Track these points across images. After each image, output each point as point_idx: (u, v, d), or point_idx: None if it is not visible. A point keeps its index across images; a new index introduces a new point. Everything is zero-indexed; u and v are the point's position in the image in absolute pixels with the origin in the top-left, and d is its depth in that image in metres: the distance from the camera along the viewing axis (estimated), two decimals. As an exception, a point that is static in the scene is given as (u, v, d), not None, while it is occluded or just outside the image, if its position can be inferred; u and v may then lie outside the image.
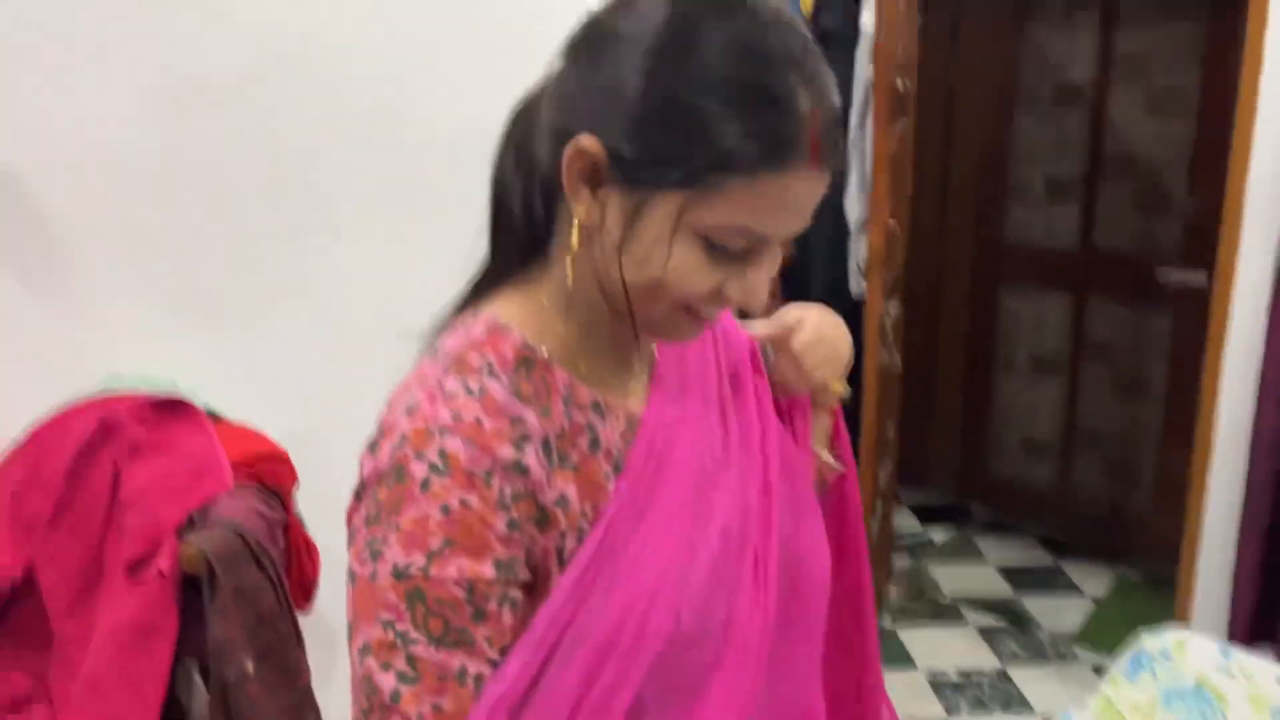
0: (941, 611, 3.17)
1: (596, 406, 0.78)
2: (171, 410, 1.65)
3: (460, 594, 0.67)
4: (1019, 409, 3.67)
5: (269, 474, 1.70)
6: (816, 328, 0.94)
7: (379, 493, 0.69)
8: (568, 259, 0.75)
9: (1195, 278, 2.89)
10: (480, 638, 0.68)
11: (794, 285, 2.94)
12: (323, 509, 1.93)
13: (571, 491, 0.73)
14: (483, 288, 0.82)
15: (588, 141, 0.69)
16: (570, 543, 0.72)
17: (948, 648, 2.95)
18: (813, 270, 2.87)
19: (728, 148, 0.66)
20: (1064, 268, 3.46)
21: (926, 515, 3.86)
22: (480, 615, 0.68)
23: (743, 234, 0.69)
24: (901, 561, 3.48)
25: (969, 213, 3.63)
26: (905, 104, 2.70)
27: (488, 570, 0.68)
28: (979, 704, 2.66)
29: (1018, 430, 3.68)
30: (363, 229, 2.00)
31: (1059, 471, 3.59)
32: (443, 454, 0.68)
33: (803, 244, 2.89)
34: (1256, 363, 2.23)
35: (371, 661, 0.67)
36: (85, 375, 1.67)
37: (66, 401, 1.63)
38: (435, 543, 0.67)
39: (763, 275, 0.73)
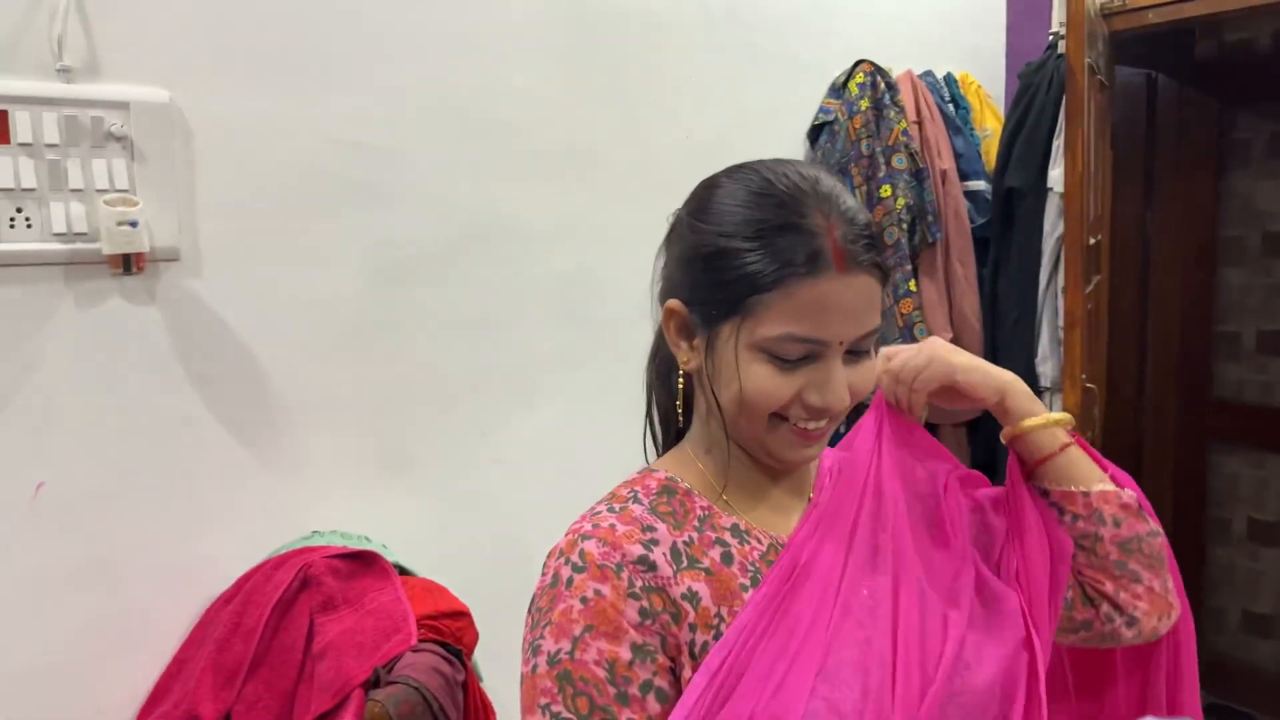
0: (1157, 810, 2.84)
1: (735, 529, 0.87)
2: (364, 564, 1.72)
3: (602, 674, 0.76)
4: (1238, 580, 3.35)
5: (451, 631, 1.73)
6: (913, 351, 0.98)
7: (540, 601, 0.81)
8: (677, 403, 0.91)
9: None
10: (624, 719, 0.75)
11: (983, 446, 2.82)
12: (501, 667, 1.94)
13: (703, 590, 0.81)
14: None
15: (673, 303, 0.87)
16: (701, 638, 0.79)
17: None
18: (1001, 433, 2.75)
19: (754, 273, 0.79)
20: (1285, 427, 3.20)
21: (1135, 695, 3.51)
22: (624, 698, 0.76)
23: (794, 341, 0.80)
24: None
25: (1170, 369, 3.42)
26: (1098, 259, 2.61)
27: (625, 652, 0.76)
28: None
29: (1238, 603, 3.35)
30: (548, 392, 2.08)
31: (1291, 653, 3.23)
32: (582, 554, 0.80)
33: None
34: None
35: None
36: (292, 527, 1.77)
37: (273, 552, 1.73)
38: (577, 629, 0.77)
39: (836, 377, 0.82)
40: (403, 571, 1.81)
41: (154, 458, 1.63)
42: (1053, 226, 2.60)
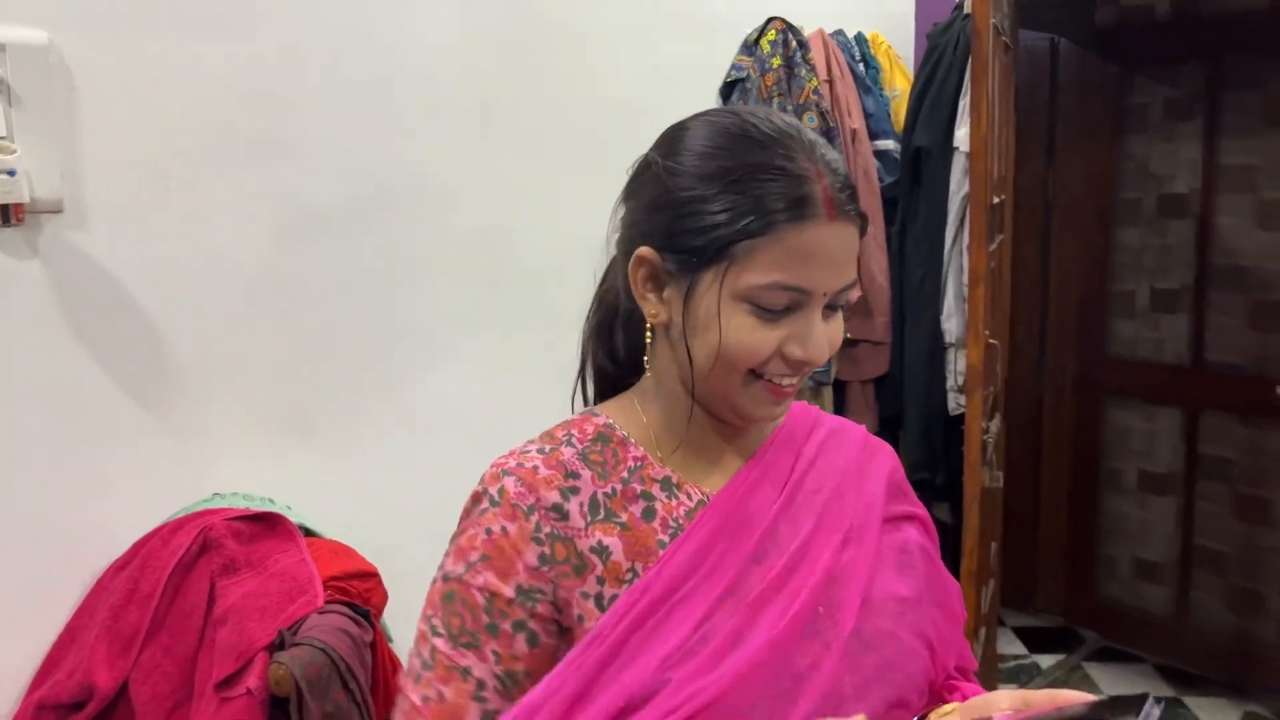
0: (1052, 747, 2.96)
1: (666, 482, 0.85)
2: (267, 526, 1.68)
3: (481, 601, 0.78)
4: (1129, 529, 3.49)
5: (359, 592, 1.70)
6: None
7: (460, 522, 0.83)
8: (645, 359, 0.87)
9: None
10: (489, 649, 0.77)
11: (889, 401, 2.88)
12: (411, 626, 1.93)
13: (616, 545, 0.80)
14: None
15: (644, 250, 0.82)
16: (610, 591, 0.79)
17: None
18: (908, 387, 2.81)
19: (740, 218, 0.76)
20: (1174, 382, 3.32)
21: (1033, 639, 3.66)
22: (494, 630, 0.77)
23: (780, 289, 0.77)
24: (1006, 688, 3.28)
25: (1070, 326, 3.53)
26: (1002, 219, 2.66)
27: (509, 590, 0.78)
28: None
29: (1129, 551, 3.50)
30: (457, 351, 2.05)
31: (1176, 596, 3.38)
32: (501, 490, 0.81)
33: (898, 360, 2.84)
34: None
35: (414, 648, 0.80)
36: (190, 491, 1.72)
37: (171, 516, 1.68)
38: (474, 556, 0.79)
39: (817, 331, 0.79)
40: (309, 533, 1.77)
41: (38, 421, 1.56)
42: (958, 185, 2.65)
